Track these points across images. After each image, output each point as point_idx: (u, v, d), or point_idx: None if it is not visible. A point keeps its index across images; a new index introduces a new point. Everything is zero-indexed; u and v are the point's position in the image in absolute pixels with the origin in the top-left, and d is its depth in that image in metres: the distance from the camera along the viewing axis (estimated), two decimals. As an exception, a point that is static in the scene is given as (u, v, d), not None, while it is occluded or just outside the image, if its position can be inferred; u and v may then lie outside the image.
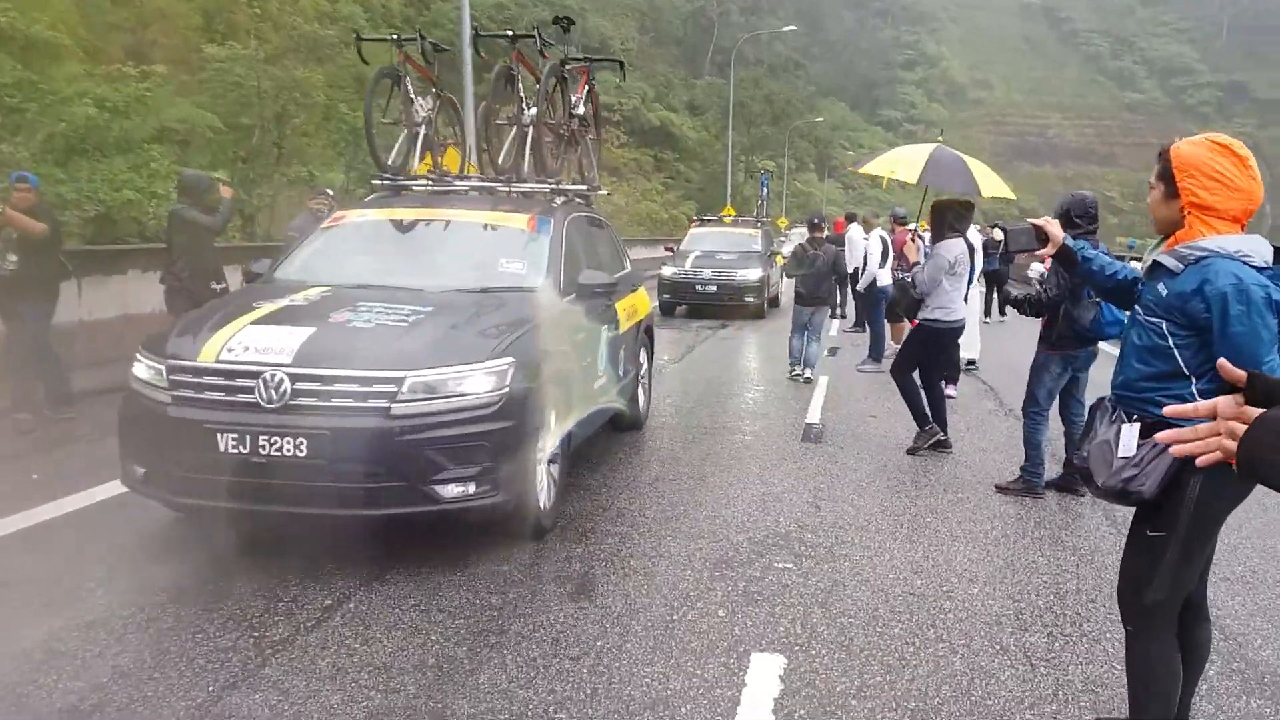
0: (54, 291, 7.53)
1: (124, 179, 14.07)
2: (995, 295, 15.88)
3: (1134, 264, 3.32)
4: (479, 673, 3.54)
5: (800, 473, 6.50)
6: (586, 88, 7.95)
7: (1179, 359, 2.73)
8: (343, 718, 3.21)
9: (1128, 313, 3.05)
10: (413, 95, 6.97)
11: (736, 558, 4.80)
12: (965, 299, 9.58)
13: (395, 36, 7.15)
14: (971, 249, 9.54)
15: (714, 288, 16.83)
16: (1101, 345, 6.09)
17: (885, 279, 11.35)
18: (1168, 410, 1.63)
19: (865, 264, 12.09)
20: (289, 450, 4.12)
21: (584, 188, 7.43)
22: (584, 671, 3.56)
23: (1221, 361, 1.54)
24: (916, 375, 7.17)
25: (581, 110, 7.82)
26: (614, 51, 61.58)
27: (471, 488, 4.32)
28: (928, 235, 8.01)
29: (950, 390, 9.41)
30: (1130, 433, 2.81)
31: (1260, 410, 1.44)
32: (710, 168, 57.05)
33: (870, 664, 3.68)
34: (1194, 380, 2.71)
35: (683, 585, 4.42)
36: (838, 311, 15.46)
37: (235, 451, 4.15)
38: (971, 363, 11.00)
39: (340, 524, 4.49)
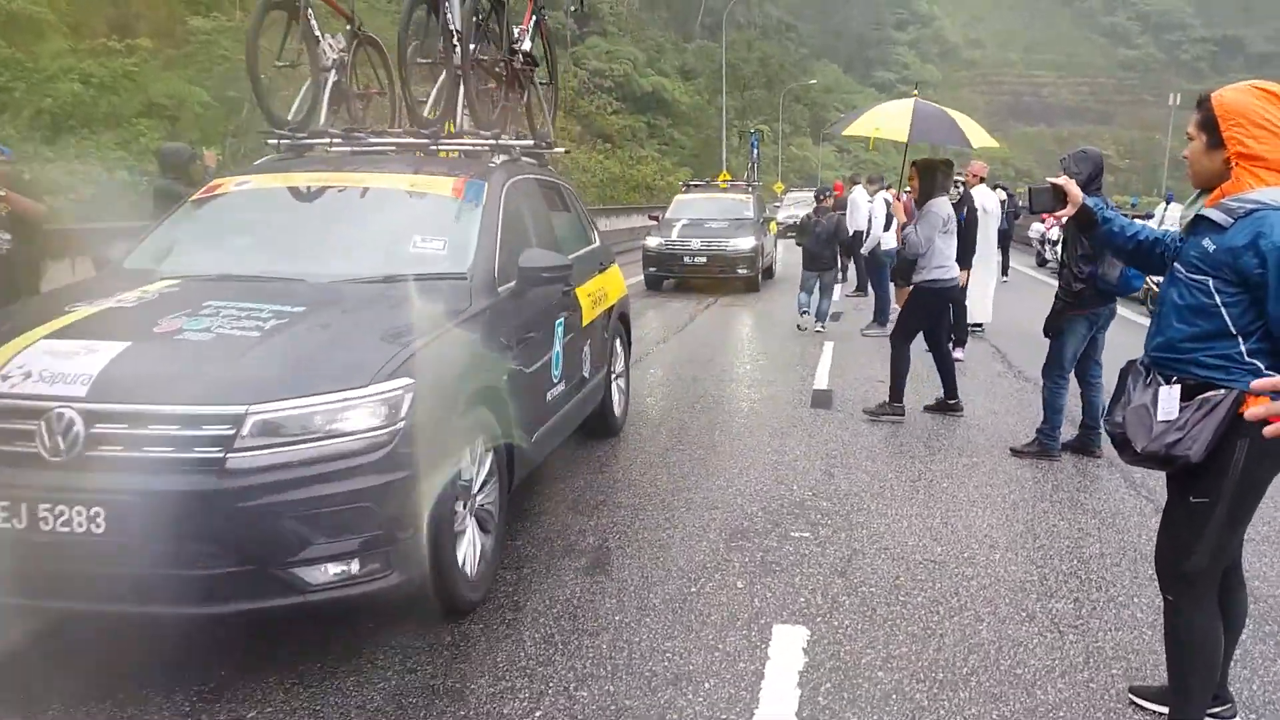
0: (38, 272, 7.38)
1: (117, 157, 13.89)
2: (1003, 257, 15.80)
3: (1142, 222, 3.22)
4: (496, 650, 3.47)
5: (811, 440, 6.42)
6: (534, 19, 6.64)
7: (1226, 318, 2.61)
8: (358, 699, 3.14)
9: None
10: (317, 33, 5.49)
11: (752, 528, 4.72)
12: (970, 262, 9.56)
13: None
14: (974, 211, 9.47)
15: (703, 259, 15.69)
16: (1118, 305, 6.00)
17: (889, 242, 11.28)
18: (1256, 384, 1.55)
19: (870, 227, 11.99)
20: (80, 524, 2.92)
21: (530, 143, 5.96)
22: (603, 647, 3.49)
23: None
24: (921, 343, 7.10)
25: (528, 45, 6.44)
26: (604, 16, 60.96)
27: (353, 566, 3.15)
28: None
29: (958, 353, 9.34)
30: (1170, 395, 2.72)
31: None
32: (704, 133, 56.62)
33: (895, 634, 3.61)
34: (1242, 339, 2.60)
35: (699, 557, 4.35)
36: (839, 276, 15.38)
37: (7, 526, 2.96)
38: (978, 325, 10.92)
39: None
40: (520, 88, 6.43)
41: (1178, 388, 2.71)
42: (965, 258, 9.38)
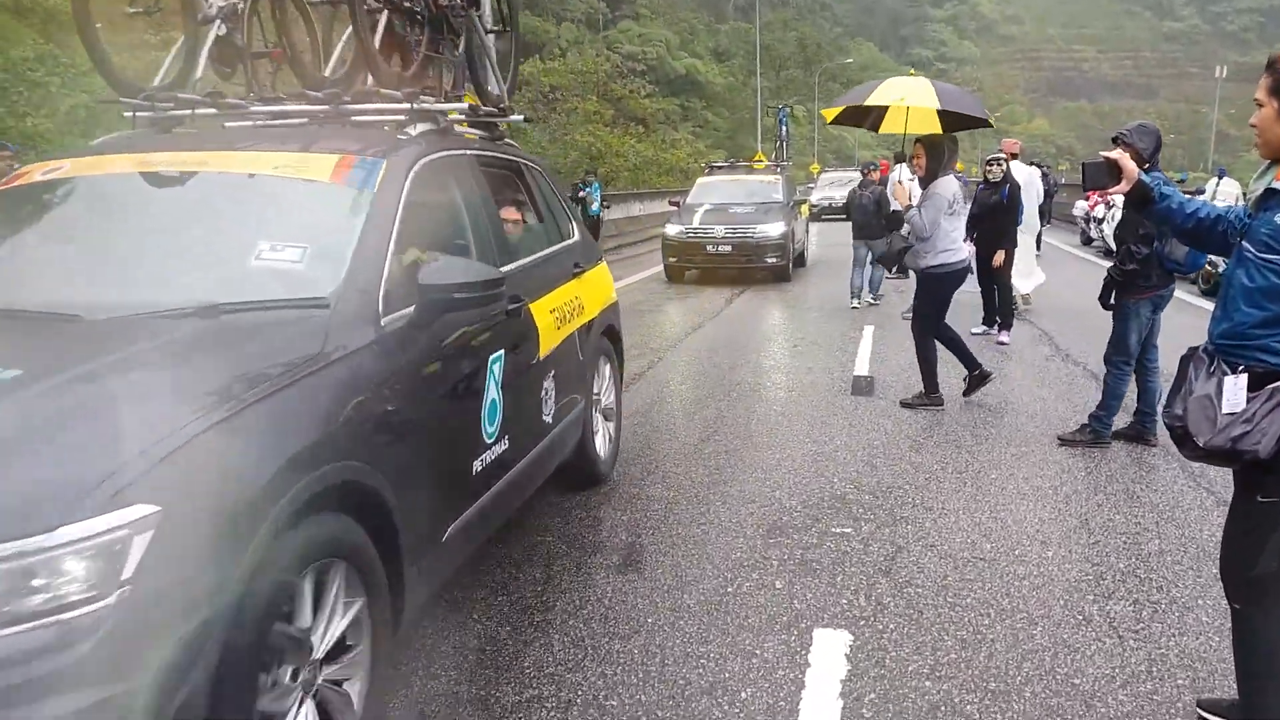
0: None
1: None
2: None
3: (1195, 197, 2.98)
4: (524, 655, 3.32)
5: (852, 429, 6.22)
6: None
7: None
8: (377, 707, 3.00)
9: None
10: None
11: (790, 523, 4.54)
12: (1015, 239, 9.30)
13: None
14: (1016, 188, 9.19)
15: (728, 247, 14.52)
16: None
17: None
18: None
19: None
20: None
21: (463, 105, 4.36)
22: (635, 652, 3.34)
23: None
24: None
25: None
26: (636, 4, 60.57)
27: None
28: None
29: (1004, 337, 9.09)
30: (1236, 385, 2.50)
31: None
32: (739, 114, 56.25)
33: (943, 639, 3.41)
34: None
35: (735, 554, 4.17)
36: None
37: None
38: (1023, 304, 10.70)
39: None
40: (454, 34, 4.86)
41: (1244, 377, 2.50)
42: (1008, 236, 9.13)
